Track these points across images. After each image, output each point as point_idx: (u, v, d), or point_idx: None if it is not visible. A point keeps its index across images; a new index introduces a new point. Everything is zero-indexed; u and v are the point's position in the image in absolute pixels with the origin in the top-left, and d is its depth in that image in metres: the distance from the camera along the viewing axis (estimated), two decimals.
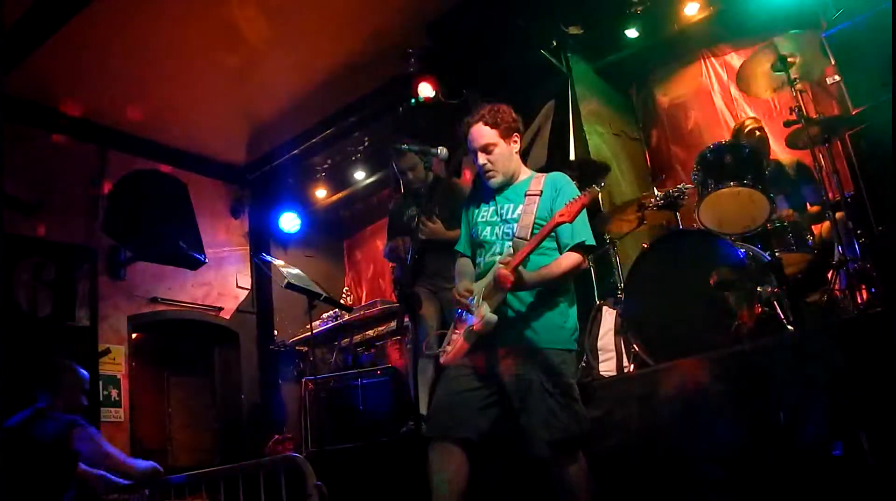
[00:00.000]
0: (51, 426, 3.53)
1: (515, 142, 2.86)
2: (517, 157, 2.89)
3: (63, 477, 3.48)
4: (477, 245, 2.86)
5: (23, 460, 3.39)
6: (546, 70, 5.50)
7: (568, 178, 2.82)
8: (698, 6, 5.31)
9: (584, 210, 2.75)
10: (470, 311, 2.65)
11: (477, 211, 2.89)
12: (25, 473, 3.36)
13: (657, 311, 3.64)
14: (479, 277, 2.76)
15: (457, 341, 2.67)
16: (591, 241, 2.72)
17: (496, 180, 2.81)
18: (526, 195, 2.76)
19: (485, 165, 2.79)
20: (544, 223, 2.64)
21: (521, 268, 2.56)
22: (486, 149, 2.78)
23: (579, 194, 2.60)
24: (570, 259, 2.68)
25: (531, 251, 2.59)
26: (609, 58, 5.91)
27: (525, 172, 2.90)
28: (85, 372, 3.96)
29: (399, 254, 4.18)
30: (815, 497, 2.55)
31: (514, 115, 2.86)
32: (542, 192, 2.73)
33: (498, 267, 2.59)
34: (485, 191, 2.91)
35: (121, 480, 3.66)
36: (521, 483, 3.13)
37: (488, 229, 2.82)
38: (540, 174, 2.85)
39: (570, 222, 2.55)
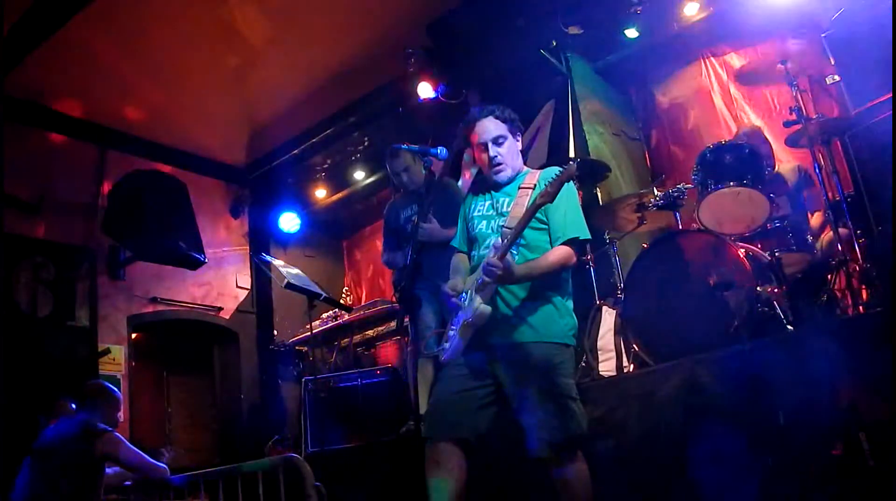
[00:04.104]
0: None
1: (519, 139, 2.90)
2: (520, 155, 2.92)
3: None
4: (473, 240, 2.87)
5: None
6: (546, 70, 5.50)
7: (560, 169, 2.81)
8: (698, 6, 5.30)
9: (577, 203, 2.76)
10: (462, 307, 2.65)
11: (474, 206, 2.91)
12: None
13: (657, 311, 3.63)
14: (472, 271, 2.76)
15: (454, 337, 2.67)
16: (584, 235, 2.72)
17: (505, 174, 2.82)
18: (519, 189, 2.77)
19: (496, 157, 2.79)
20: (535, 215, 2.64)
21: (509, 259, 2.56)
22: (498, 141, 2.80)
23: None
24: (559, 253, 2.67)
25: (516, 238, 2.58)
26: (609, 58, 5.91)
27: (523, 170, 2.92)
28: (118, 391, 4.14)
29: (397, 266, 4.23)
30: (815, 497, 2.55)
31: (516, 115, 2.89)
32: (535, 185, 2.74)
33: (487, 258, 2.59)
34: (482, 187, 2.92)
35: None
36: (520, 483, 3.13)
37: (484, 222, 2.82)
38: (536, 170, 2.87)
39: (550, 201, 2.54)
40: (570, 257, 2.69)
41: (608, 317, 4.16)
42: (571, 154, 5.25)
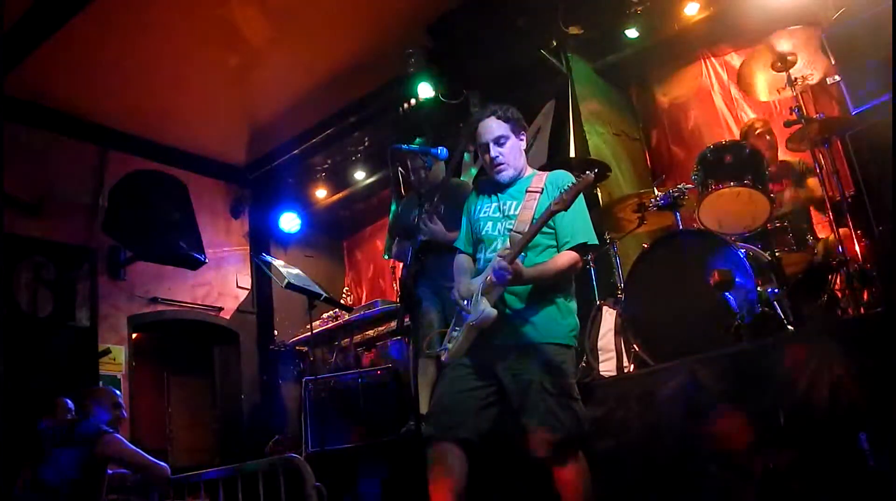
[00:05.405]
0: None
1: (523, 139, 2.89)
2: (524, 154, 2.91)
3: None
4: (478, 241, 2.86)
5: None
6: (546, 70, 5.50)
7: (571, 175, 2.81)
8: (698, 6, 5.30)
9: (585, 208, 2.75)
10: (467, 310, 2.65)
11: (479, 207, 2.89)
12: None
13: (657, 311, 3.64)
14: (478, 273, 2.75)
15: (457, 338, 2.67)
16: (592, 241, 2.73)
17: (507, 174, 2.81)
18: (527, 192, 2.76)
19: (497, 157, 2.79)
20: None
21: (519, 263, 2.56)
22: (499, 141, 2.79)
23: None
24: (568, 257, 2.67)
25: (527, 243, 2.59)
26: (609, 58, 5.91)
27: (529, 171, 2.91)
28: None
29: (405, 258, 4.20)
30: (816, 497, 2.55)
31: (520, 114, 2.89)
32: (543, 189, 2.73)
33: (496, 261, 2.59)
34: (488, 188, 2.91)
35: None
36: (521, 483, 3.13)
37: (489, 224, 2.82)
38: (542, 172, 2.86)
39: (565, 210, 2.54)
40: (579, 262, 2.71)
41: (608, 317, 4.16)
42: (572, 154, 5.25)
